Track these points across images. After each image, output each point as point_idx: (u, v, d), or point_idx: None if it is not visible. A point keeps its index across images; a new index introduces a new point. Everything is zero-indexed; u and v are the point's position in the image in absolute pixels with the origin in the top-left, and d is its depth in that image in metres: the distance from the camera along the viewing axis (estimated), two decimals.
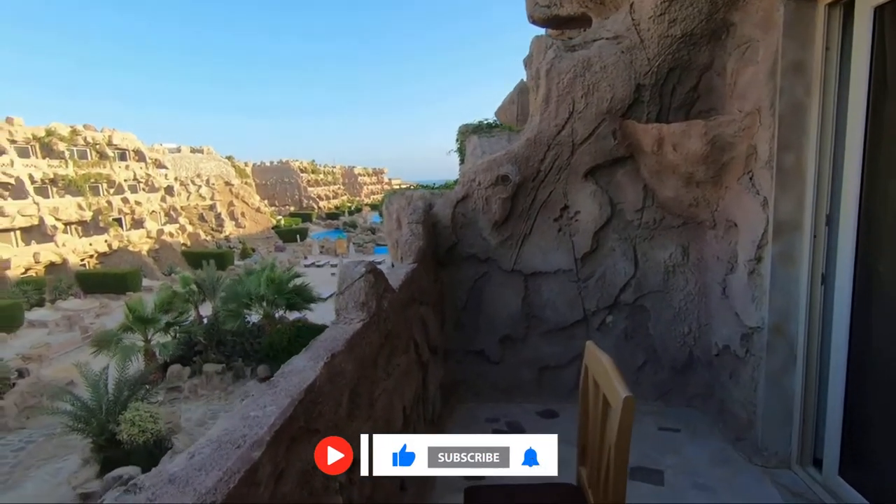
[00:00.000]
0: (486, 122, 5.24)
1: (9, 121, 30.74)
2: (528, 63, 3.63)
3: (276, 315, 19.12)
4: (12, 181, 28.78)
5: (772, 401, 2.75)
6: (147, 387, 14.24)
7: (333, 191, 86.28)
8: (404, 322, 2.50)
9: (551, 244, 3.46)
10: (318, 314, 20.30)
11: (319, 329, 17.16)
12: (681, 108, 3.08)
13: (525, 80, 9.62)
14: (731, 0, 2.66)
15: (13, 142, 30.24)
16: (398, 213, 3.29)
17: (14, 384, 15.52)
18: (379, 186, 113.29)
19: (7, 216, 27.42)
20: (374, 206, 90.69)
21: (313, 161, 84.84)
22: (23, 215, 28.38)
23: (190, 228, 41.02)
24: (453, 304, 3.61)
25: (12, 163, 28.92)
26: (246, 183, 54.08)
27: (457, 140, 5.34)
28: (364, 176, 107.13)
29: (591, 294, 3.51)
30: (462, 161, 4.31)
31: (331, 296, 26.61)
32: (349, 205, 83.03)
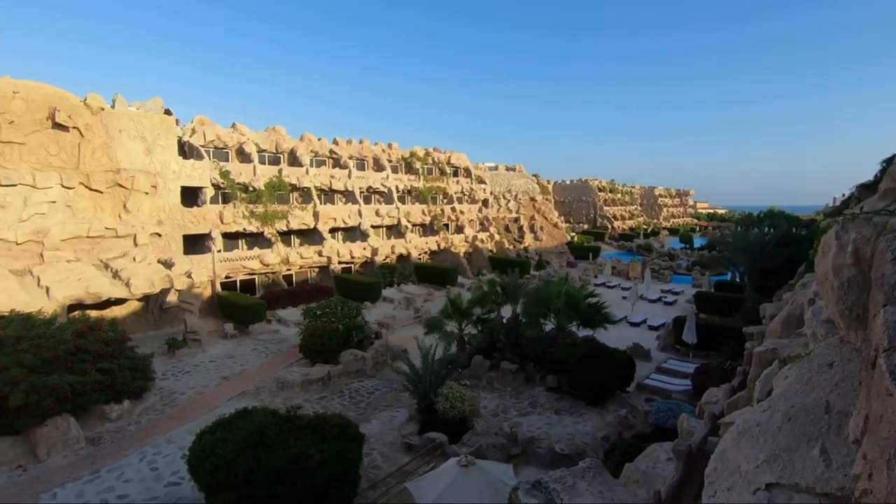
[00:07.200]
0: None
1: (389, 145, 41.20)
2: None
3: (568, 328, 19.39)
4: (386, 190, 38.47)
5: None
6: (460, 370, 16.51)
7: (629, 211, 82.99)
8: None
9: None
10: (610, 335, 19.56)
11: (612, 354, 16.43)
12: None
13: None
14: None
15: (390, 161, 40.40)
16: (858, 244, 2.45)
17: (373, 342, 20.40)
18: (682, 209, 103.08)
19: (380, 216, 36.83)
20: (673, 231, 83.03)
21: (612, 180, 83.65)
22: (389, 216, 37.63)
23: (497, 237, 46.23)
24: None
25: (388, 177, 38.66)
26: (546, 199, 57.46)
27: None
28: (665, 197, 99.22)
29: None
30: None
31: (623, 318, 25.41)
32: (645, 227, 78.28)
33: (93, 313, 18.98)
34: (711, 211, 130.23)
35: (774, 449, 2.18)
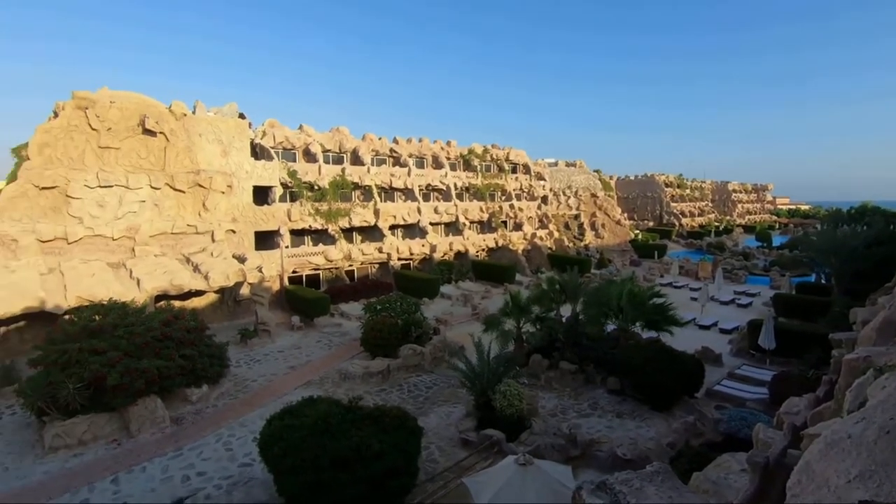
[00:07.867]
0: None
1: (448, 143, 41.44)
2: None
3: (631, 329, 18.66)
4: (444, 188, 38.76)
5: None
6: (517, 368, 16.36)
7: (699, 207, 78.30)
8: None
9: None
10: (677, 338, 18.56)
11: (680, 357, 15.60)
12: None
13: None
14: None
15: (448, 159, 40.64)
16: None
17: (431, 338, 20.65)
18: (759, 205, 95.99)
19: (438, 213, 37.19)
20: (749, 228, 77.49)
21: (680, 175, 79.34)
22: (447, 214, 37.90)
23: (556, 234, 45.26)
24: None
25: (447, 174, 38.94)
26: (609, 195, 55.52)
27: None
28: (740, 192, 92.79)
29: None
30: None
31: (691, 320, 24.01)
32: (716, 224, 73.60)
33: (175, 303, 20.65)
34: (793, 207, 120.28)
35: (869, 464, 2.01)
